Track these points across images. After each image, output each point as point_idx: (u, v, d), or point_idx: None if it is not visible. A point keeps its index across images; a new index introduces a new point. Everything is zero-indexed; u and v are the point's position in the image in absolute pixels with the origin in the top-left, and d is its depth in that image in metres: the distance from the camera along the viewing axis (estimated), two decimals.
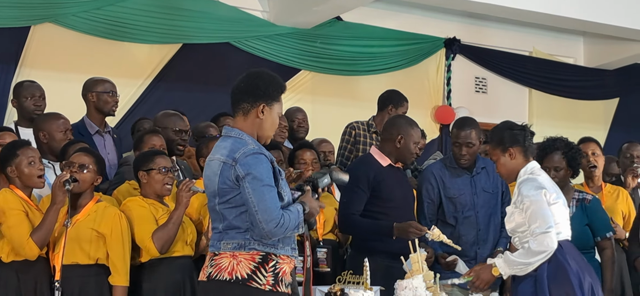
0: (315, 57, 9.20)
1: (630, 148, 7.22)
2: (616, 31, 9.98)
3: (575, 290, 4.48)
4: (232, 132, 3.96)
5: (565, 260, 4.54)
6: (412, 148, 5.53)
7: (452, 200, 5.67)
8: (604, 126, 11.20)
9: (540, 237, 4.52)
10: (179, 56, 8.58)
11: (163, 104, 7.61)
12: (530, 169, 4.73)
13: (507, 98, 10.72)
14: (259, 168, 3.80)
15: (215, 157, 3.91)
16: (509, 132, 4.79)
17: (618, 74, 11.18)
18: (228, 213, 3.86)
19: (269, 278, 3.86)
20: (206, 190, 3.99)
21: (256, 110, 3.95)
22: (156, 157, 5.19)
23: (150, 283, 5.00)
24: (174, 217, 4.98)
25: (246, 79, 3.99)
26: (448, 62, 10.19)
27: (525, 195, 4.58)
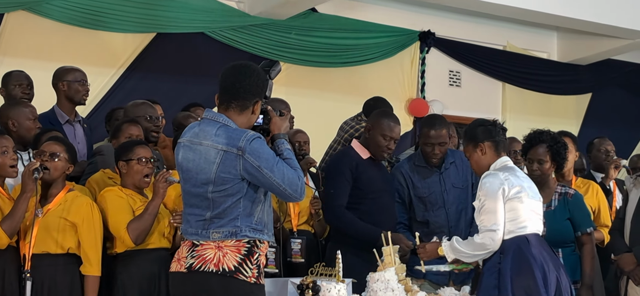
0: (290, 49, 9.19)
1: (603, 143, 7.27)
2: (589, 26, 10.04)
3: (538, 283, 4.50)
4: (219, 117, 3.94)
5: (530, 253, 4.57)
6: (379, 141, 5.48)
7: (422, 200, 5.66)
8: (577, 121, 11.28)
9: (485, 233, 4.61)
10: (153, 45, 8.54)
11: (136, 94, 7.57)
12: (500, 164, 4.76)
13: (480, 92, 10.77)
14: (265, 150, 3.85)
15: (205, 142, 3.89)
16: (481, 128, 4.83)
17: (591, 69, 11.25)
18: (223, 201, 3.85)
19: (254, 270, 3.87)
20: (188, 174, 3.94)
21: (252, 107, 3.98)
22: (136, 147, 5.16)
23: (124, 274, 4.96)
24: (150, 208, 4.95)
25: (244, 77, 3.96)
26: (422, 55, 10.21)
27: (481, 189, 4.65)
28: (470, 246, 4.67)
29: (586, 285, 5.47)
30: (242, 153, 3.80)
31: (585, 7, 9.63)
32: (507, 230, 4.63)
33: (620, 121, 11.18)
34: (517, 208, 4.64)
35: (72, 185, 5.11)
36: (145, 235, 4.95)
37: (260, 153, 3.82)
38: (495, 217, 4.59)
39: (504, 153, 4.84)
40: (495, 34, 10.73)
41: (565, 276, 4.70)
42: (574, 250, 5.58)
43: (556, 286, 4.57)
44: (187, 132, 4.04)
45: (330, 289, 4.40)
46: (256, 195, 3.91)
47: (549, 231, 5.35)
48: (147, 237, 4.98)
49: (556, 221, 5.49)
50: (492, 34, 10.69)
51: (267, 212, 4.00)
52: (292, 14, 9.03)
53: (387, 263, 4.81)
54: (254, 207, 3.90)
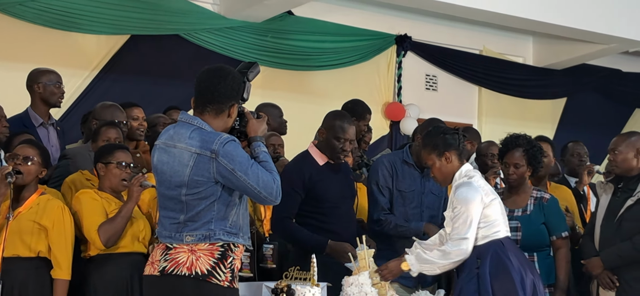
0: (266, 52, 9.16)
1: (577, 148, 7.30)
2: (565, 31, 10.09)
3: (516, 287, 4.50)
4: (194, 120, 3.91)
5: (507, 257, 4.57)
6: (334, 145, 5.34)
7: (402, 194, 5.63)
8: (552, 125, 11.34)
9: (457, 241, 4.60)
10: (127, 48, 8.49)
11: (110, 96, 7.50)
12: (465, 172, 4.76)
13: (457, 96, 10.80)
14: (239, 153, 3.81)
15: (180, 145, 3.85)
16: (443, 137, 4.81)
17: (566, 74, 11.32)
18: (197, 204, 3.82)
19: (227, 274, 3.83)
20: (163, 177, 3.91)
21: (228, 111, 3.95)
22: (116, 151, 5.13)
23: (96, 278, 4.92)
24: (123, 211, 4.92)
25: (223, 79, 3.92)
26: (399, 59, 10.22)
27: (458, 198, 4.62)
28: (443, 257, 4.62)
29: (560, 289, 5.49)
30: (216, 156, 3.77)
31: (561, 12, 9.67)
32: (481, 235, 4.63)
33: (595, 125, 11.24)
34: (490, 214, 4.65)
35: (44, 189, 5.08)
36: (117, 238, 4.91)
37: (234, 156, 3.78)
38: (470, 226, 4.58)
39: (465, 160, 4.84)
40: (472, 39, 10.76)
41: (540, 279, 4.70)
42: (548, 253, 5.59)
43: (532, 290, 4.57)
44: (163, 135, 4.00)
45: (304, 293, 4.38)
46: (231, 198, 3.87)
47: (525, 235, 5.37)
48: (120, 241, 4.94)
49: (531, 225, 5.49)
50: (468, 38, 10.73)
51: (243, 215, 3.97)
52: (268, 16, 9.00)
53: (361, 267, 4.80)
54: (229, 210, 3.87)
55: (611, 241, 5.47)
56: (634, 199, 5.41)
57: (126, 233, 4.97)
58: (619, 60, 11.52)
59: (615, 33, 10.03)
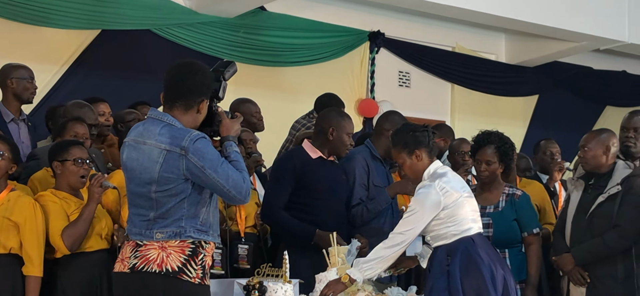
0: (238, 47, 9.11)
1: (548, 145, 7.33)
2: (537, 29, 10.15)
3: (487, 283, 4.50)
4: (164, 117, 3.87)
5: (477, 254, 4.56)
6: (345, 140, 5.50)
7: (378, 189, 5.65)
8: (524, 122, 11.40)
9: (393, 236, 4.60)
10: (97, 42, 8.41)
11: (80, 91, 7.47)
12: (433, 170, 4.74)
13: (429, 93, 10.82)
14: (210, 151, 3.78)
15: (149, 142, 3.81)
16: (412, 135, 4.79)
17: (538, 71, 11.39)
18: (167, 201, 3.78)
19: (198, 271, 3.80)
20: (132, 174, 3.87)
21: (197, 106, 3.90)
22: (71, 147, 5.04)
23: (64, 278, 4.88)
24: (85, 214, 4.86)
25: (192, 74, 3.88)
26: (372, 55, 10.22)
27: (416, 198, 4.64)
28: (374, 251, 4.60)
29: (532, 285, 5.52)
30: (186, 153, 3.74)
31: (533, 10, 9.72)
32: (451, 232, 4.62)
33: (566, 122, 11.32)
34: (458, 213, 4.62)
35: (15, 185, 5.01)
36: (81, 241, 4.87)
37: (204, 153, 3.75)
38: (413, 227, 4.57)
39: (435, 158, 4.83)
40: (445, 35, 10.78)
41: (511, 275, 4.70)
42: (520, 250, 5.61)
43: (503, 286, 4.57)
44: (132, 131, 3.97)
45: (276, 290, 4.37)
46: (201, 196, 3.84)
47: (496, 231, 5.38)
48: (85, 241, 4.89)
49: (503, 221, 5.51)
50: (441, 35, 10.74)
51: (213, 213, 3.94)
52: (240, 12, 8.96)
53: (332, 264, 4.80)
54: (199, 207, 3.84)
55: (582, 237, 5.49)
56: (605, 196, 5.43)
57: (90, 233, 4.92)
58: (590, 58, 11.60)
59: (586, 31, 10.12)
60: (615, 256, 5.40)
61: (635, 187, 5.40)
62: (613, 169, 5.51)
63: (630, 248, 5.38)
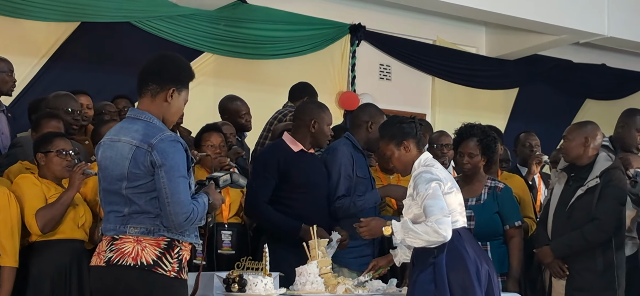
0: (219, 40, 9.09)
1: (528, 138, 7.35)
2: (517, 22, 10.17)
3: (472, 277, 4.49)
4: (142, 115, 3.84)
5: (464, 247, 4.55)
6: (326, 131, 5.55)
7: (361, 180, 5.65)
8: (504, 115, 11.41)
9: (440, 220, 4.44)
10: (77, 35, 8.37)
11: (60, 84, 7.43)
12: (424, 160, 4.73)
13: (410, 86, 10.82)
14: (176, 157, 3.72)
15: (124, 139, 3.79)
16: (399, 126, 4.77)
17: (518, 64, 11.41)
18: (137, 198, 3.75)
19: (174, 264, 3.78)
20: (106, 172, 3.85)
21: (165, 93, 3.85)
22: (55, 139, 5.07)
23: (36, 264, 4.87)
24: (62, 198, 4.87)
25: (159, 61, 3.89)
26: (353, 48, 10.20)
27: (422, 189, 4.56)
28: (426, 231, 4.43)
29: (513, 278, 5.53)
30: (151, 148, 3.71)
31: (513, 3, 9.74)
32: None
33: (545, 115, 11.36)
34: (449, 204, 4.61)
35: None
36: (54, 224, 4.87)
37: (168, 154, 3.71)
38: (444, 208, 4.47)
39: (424, 149, 4.82)
40: (425, 28, 10.78)
41: (494, 270, 4.71)
42: (502, 242, 5.62)
43: (487, 281, 4.57)
44: (110, 131, 3.95)
45: (256, 283, 4.36)
46: None
47: (478, 224, 5.39)
48: (59, 227, 4.90)
49: (485, 214, 5.52)
50: (422, 28, 10.74)
51: None
52: (220, 4, 8.92)
53: (312, 256, 4.80)
54: None
55: (562, 230, 5.51)
56: (584, 188, 5.45)
57: (66, 219, 4.93)
58: (570, 51, 11.64)
59: (566, 24, 10.14)
60: (595, 249, 5.41)
61: (613, 180, 5.42)
62: (594, 161, 5.52)
63: (609, 241, 5.41)
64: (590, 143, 5.53)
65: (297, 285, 4.73)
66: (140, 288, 3.71)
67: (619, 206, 5.42)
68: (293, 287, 4.75)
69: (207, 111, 7.95)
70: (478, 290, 4.50)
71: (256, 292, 4.35)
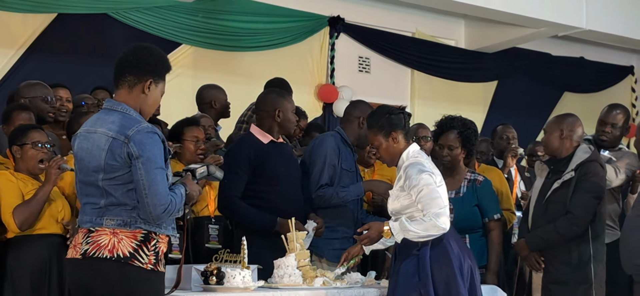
0: (197, 32, 9.06)
1: (505, 131, 7.36)
2: (496, 15, 10.20)
3: (455, 271, 4.50)
4: (119, 106, 3.81)
5: (448, 241, 4.55)
6: (291, 118, 5.48)
7: (345, 173, 5.63)
8: (483, 108, 11.46)
9: (442, 218, 4.48)
10: (54, 26, 8.33)
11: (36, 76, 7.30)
12: (413, 152, 4.72)
13: (389, 79, 10.83)
14: (153, 148, 3.69)
15: (100, 130, 3.76)
16: (388, 117, 4.76)
17: (497, 57, 11.44)
18: (114, 189, 3.72)
19: (151, 256, 3.75)
20: (82, 164, 3.82)
21: (142, 85, 3.82)
22: (31, 132, 5.02)
23: (14, 261, 4.82)
24: (39, 194, 4.82)
25: (136, 52, 3.85)
26: (332, 40, 10.20)
27: (416, 180, 4.54)
28: (424, 228, 4.46)
29: (492, 271, 5.53)
30: (128, 140, 3.68)
31: None
32: None
33: (524, 108, 11.42)
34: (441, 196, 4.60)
35: None
36: (33, 220, 4.82)
37: (145, 145, 3.69)
38: (441, 200, 4.49)
39: (411, 141, 4.81)
40: (404, 21, 10.79)
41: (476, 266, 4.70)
42: (481, 235, 5.63)
43: (470, 275, 4.57)
44: (86, 123, 3.92)
45: (234, 275, 4.34)
46: None
47: (457, 217, 5.38)
48: (38, 222, 4.85)
49: (464, 207, 5.52)
50: (401, 20, 10.75)
51: None
52: None
53: (290, 249, 4.79)
54: None
55: (539, 223, 5.51)
56: (560, 182, 5.45)
57: (44, 214, 4.88)
58: (549, 44, 11.69)
59: (545, 17, 10.19)
60: (570, 242, 5.42)
61: (589, 173, 5.40)
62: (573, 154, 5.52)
63: (585, 234, 5.41)
64: (567, 136, 5.52)
65: (275, 277, 4.71)
66: (117, 280, 3.68)
67: (593, 199, 5.40)
68: (271, 280, 4.74)
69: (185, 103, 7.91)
70: (461, 284, 4.50)
71: (234, 285, 4.33)
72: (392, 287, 4.57)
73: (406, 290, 4.49)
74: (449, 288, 4.47)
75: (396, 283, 4.54)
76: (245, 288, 4.36)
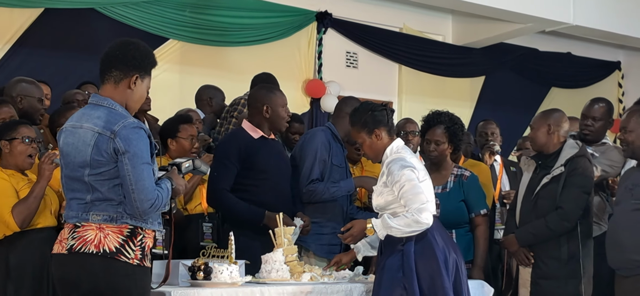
0: (184, 27, 9.04)
1: (485, 127, 7.35)
2: (483, 10, 10.21)
3: (440, 266, 4.50)
4: (104, 101, 3.81)
5: (433, 236, 4.56)
6: (281, 113, 5.48)
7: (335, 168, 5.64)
8: (470, 103, 11.47)
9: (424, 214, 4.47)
10: (41, 21, 8.30)
11: (24, 71, 7.34)
12: (396, 148, 4.73)
13: (377, 74, 10.83)
14: (139, 144, 3.70)
15: (86, 125, 3.76)
16: (371, 114, 4.76)
17: (484, 53, 11.45)
18: (100, 185, 3.72)
19: (137, 252, 3.76)
20: (68, 159, 3.82)
21: (128, 80, 3.82)
22: (20, 127, 5.02)
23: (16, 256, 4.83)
24: (35, 191, 4.83)
25: (122, 47, 3.84)
26: (319, 35, 10.19)
27: (398, 176, 4.55)
28: (406, 224, 4.46)
29: (478, 266, 5.56)
30: (114, 135, 3.68)
31: None
32: None
33: (511, 103, 11.44)
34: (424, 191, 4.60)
35: None
36: (31, 218, 4.83)
37: (131, 141, 3.69)
38: (422, 195, 4.49)
39: (395, 136, 4.82)
40: (392, 16, 10.78)
41: (462, 259, 4.71)
42: (467, 230, 5.64)
43: (455, 269, 4.58)
44: (72, 117, 3.91)
45: (222, 270, 4.34)
46: None
47: (444, 212, 5.38)
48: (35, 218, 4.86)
49: (451, 202, 5.53)
50: (388, 16, 10.75)
51: None
52: None
53: (278, 244, 4.79)
54: None
55: (528, 218, 5.52)
56: (549, 177, 5.46)
57: (40, 210, 4.88)
58: (536, 40, 11.71)
59: (532, 12, 10.20)
60: (559, 237, 5.43)
61: (578, 168, 5.42)
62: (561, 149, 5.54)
63: (575, 229, 5.42)
64: (554, 131, 5.53)
65: (263, 272, 4.72)
66: (103, 275, 3.68)
67: (583, 195, 5.43)
68: (259, 275, 4.74)
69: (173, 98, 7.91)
70: (446, 279, 4.51)
71: (222, 280, 4.33)
72: (377, 282, 4.58)
73: (390, 285, 4.50)
74: (433, 282, 4.48)
75: (381, 279, 4.56)
76: (233, 283, 4.36)
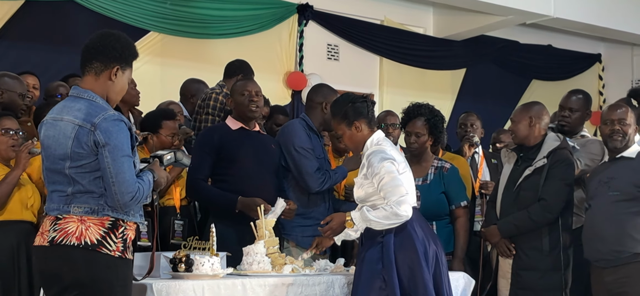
0: (165, 19, 9.02)
1: (466, 119, 7.35)
2: (464, 3, 10.26)
3: (420, 257, 4.51)
4: (85, 94, 3.79)
5: (412, 227, 4.56)
6: (241, 100, 5.45)
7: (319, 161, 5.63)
8: (451, 95, 11.50)
9: (398, 202, 4.46)
10: (20, 14, 8.24)
11: (5, 63, 7.34)
12: (376, 140, 4.74)
13: (358, 66, 10.84)
14: (119, 136, 3.68)
15: (66, 118, 3.74)
16: (352, 106, 4.76)
17: (465, 45, 11.49)
18: (81, 177, 3.71)
19: (118, 244, 3.75)
20: (48, 151, 3.80)
21: (109, 72, 3.81)
22: (2, 119, 5.04)
23: None
24: (8, 178, 4.84)
25: (102, 39, 3.83)
26: (300, 28, 10.19)
27: (377, 168, 4.56)
28: (385, 216, 4.45)
29: (459, 258, 5.59)
30: (94, 128, 3.67)
31: None
32: None
33: (492, 96, 11.48)
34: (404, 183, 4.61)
35: None
36: (2, 203, 4.84)
37: (111, 133, 3.68)
38: (402, 188, 4.49)
39: (376, 128, 4.82)
40: (373, 9, 10.80)
41: (442, 251, 4.72)
42: (448, 222, 5.67)
43: (435, 260, 4.59)
44: (53, 110, 3.90)
45: (203, 262, 4.34)
46: None
47: (424, 204, 5.41)
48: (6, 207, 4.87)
49: (431, 194, 5.55)
50: (369, 8, 10.76)
51: None
52: None
53: (259, 236, 4.80)
54: None
55: (510, 210, 5.52)
56: (532, 169, 5.47)
57: (13, 200, 4.90)
58: (516, 32, 11.76)
59: (513, 5, 10.24)
60: (541, 229, 5.46)
61: (560, 160, 5.44)
62: (542, 142, 5.56)
63: (556, 221, 5.45)
64: (535, 124, 5.55)
65: (244, 264, 4.72)
66: (84, 267, 3.67)
67: (565, 187, 5.45)
68: (240, 267, 4.75)
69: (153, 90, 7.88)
70: (425, 270, 4.52)
71: (203, 272, 4.33)
72: (357, 274, 4.59)
73: (370, 276, 4.51)
74: (413, 273, 4.49)
75: (361, 270, 4.56)
76: (214, 275, 4.36)
